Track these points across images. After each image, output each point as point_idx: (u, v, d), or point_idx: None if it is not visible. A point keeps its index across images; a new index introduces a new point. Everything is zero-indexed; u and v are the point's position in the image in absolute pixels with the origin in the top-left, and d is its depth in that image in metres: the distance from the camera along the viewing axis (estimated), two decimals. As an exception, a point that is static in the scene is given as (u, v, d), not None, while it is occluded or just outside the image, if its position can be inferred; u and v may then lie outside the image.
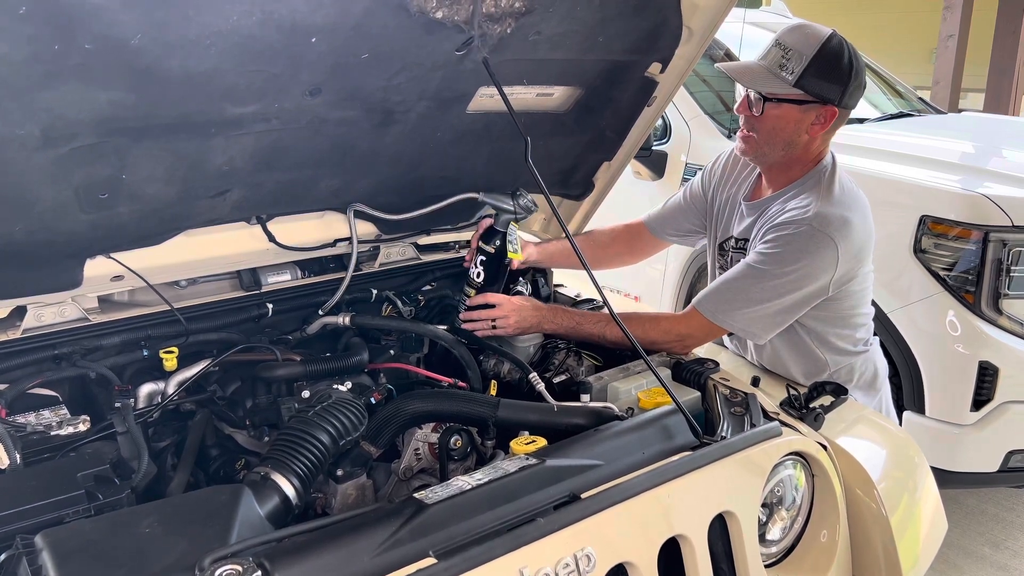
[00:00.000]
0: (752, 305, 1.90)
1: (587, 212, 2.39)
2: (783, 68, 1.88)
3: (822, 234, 1.84)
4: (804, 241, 1.85)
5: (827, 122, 1.91)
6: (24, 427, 1.51)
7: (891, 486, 1.69)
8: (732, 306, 1.92)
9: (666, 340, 1.96)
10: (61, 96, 1.27)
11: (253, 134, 1.57)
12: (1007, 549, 3.14)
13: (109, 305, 1.83)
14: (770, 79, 1.89)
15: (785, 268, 1.86)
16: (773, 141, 1.95)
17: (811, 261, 1.85)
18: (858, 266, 1.95)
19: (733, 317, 1.93)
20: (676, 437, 1.52)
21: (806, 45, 1.87)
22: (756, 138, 1.96)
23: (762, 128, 1.94)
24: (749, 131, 1.97)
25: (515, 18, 1.55)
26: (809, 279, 1.87)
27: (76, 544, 1.16)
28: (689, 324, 1.96)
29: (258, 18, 1.28)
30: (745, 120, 1.98)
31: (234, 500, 1.27)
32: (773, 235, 1.90)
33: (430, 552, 1.16)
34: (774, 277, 1.87)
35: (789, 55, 1.88)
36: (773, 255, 1.88)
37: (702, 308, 1.95)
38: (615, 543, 1.29)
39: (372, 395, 1.76)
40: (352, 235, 2.02)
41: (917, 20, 10.21)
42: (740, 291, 1.92)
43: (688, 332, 1.97)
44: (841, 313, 2.01)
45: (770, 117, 1.92)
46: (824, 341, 2.04)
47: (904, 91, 4.72)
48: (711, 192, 2.25)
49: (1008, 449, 2.87)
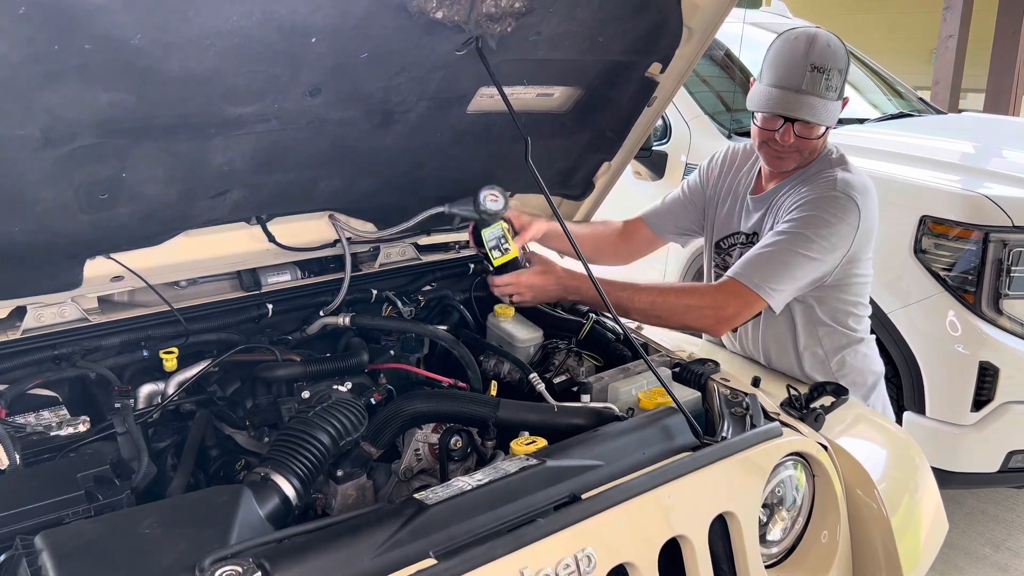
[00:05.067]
0: (789, 270, 1.88)
1: (587, 212, 2.39)
2: (829, 89, 1.90)
3: (846, 197, 1.90)
4: (832, 205, 1.89)
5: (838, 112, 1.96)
6: (24, 428, 1.51)
7: (892, 486, 1.69)
8: (768, 271, 1.89)
9: (699, 307, 1.90)
10: (61, 97, 1.26)
11: (253, 134, 1.57)
12: (1007, 549, 3.14)
13: (109, 305, 1.83)
14: (827, 107, 1.90)
15: (820, 231, 1.88)
16: (815, 150, 2.00)
17: (839, 226, 1.88)
18: (865, 245, 1.98)
19: (770, 283, 1.88)
20: (676, 437, 1.52)
21: (836, 59, 1.90)
22: (801, 155, 1.99)
23: (809, 147, 1.97)
24: (791, 152, 1.98)
25: (515, 18, 1.55)
26: (840, 245, 1.89)
27: (76, 545, 1.15)
28: (725, 292, 1.91)
29: (258, 19, 1.28)
30: (782, 139, 1.94)
31: (234, 501, 1.27)
32: (803, 203, 1.92)
33: (430, 553, 1.16)
34: (809, 240, 1.87)
35: (829, 74, 1.89)
36: (806, 218, 1.90)
37: (739, 277, 1.91)
38: (615, 544, 1.29)
39: (372, 395, 1.76)
40: (341, 240, 2.02)
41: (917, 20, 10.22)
42: (774, 256, 1.90)
43: (724, 301, 1.90)
44: (844, 304, 2.04)
45: (815, 134, 1.94)
46: (825, 328, 2.06)
47: (904, 91, 4.72)
48: (709, 189, 2.27)
49: (1008, 449, 2.86)
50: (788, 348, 2.12)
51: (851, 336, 2.09)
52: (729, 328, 1.96)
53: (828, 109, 1.90)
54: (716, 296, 1.92)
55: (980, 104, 7.82)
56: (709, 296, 1.93)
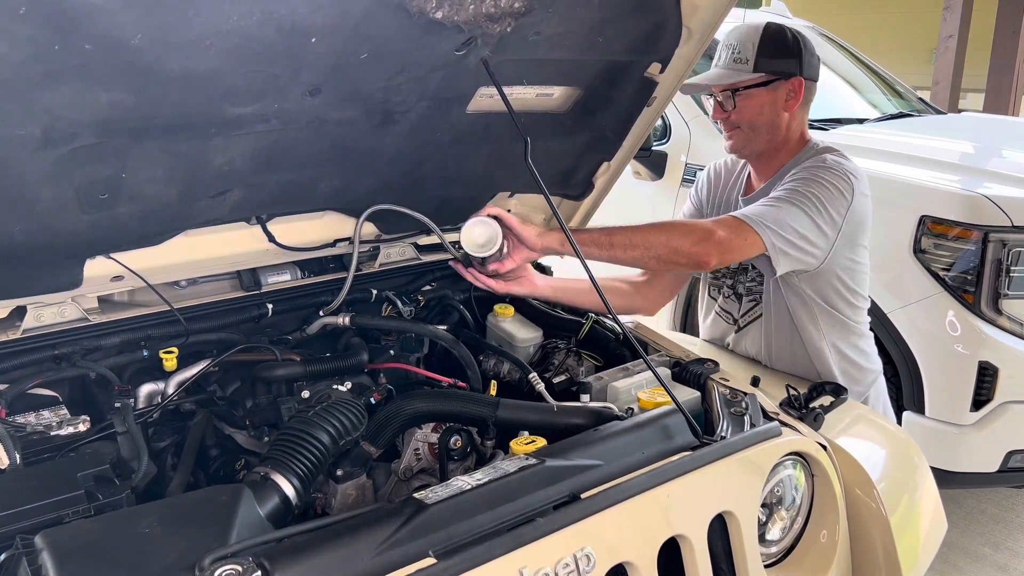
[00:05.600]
0: (784, 216, 1.89)
1: (587, 212, 2.39)
2: (738, 61, 2.03)
3: (839, 168, 1.97)
4: (825, 172, 1.96)
5: (798, 94, 2.05)
6: (24, 427, 1.51)
7: (891, 486, 1.69)
8: (762, 212, 1.91)
9: (692, 235, 1.85)
10: (61, 96, 1.26)
11: (253, 134, 1.57)
12: (1007, 549, 3.14)
13: (109, 305, 1.83)
14: (732, 74, 2.04)
15: (814, 190, 1.92)
16: (757, 127, 2.07)
17: (833, 192, 1.93)
18: (859, 230, 2.00)
19: (765, 220, 1.87)
20: (676, 437, 1.52)
21: (749, 34, 2.03)
22: (741, 130, 2.07)
23: (743, 119, 2.06)
24: (732, 128, 2.08)
25: (515, 18, 1.55)
26: (833, 213, 1.92)
27: (76, 544, 1.16)
28: (717, 222, 1.90)
29: (258, 19, 1.28)
30: (724, 122, 2.10)
31: (234, 500, 1.27)
32: (795, 176, 1.98)
33: (430, 552, 1.16)
34: (804, 197, 1.92)
35: (739, 48, 2.03)
36: (801, 180, 1.95)
37: (734, 214, 1.93)
38: (615, 543, 1.29)
39: (372, 395, 1.76)
40: (355, 239, 2.02)
41: (917, 20, 10.22)
42: (769, 206, 1.93)
43: (714, 227, 1.86)
44: (842, 291, 2.05)
45: (746, 107, 2.04)
46: (825, 316, 2.07)
47: (904, 91, 4.72)
48: (706, 207, 2.32)
49: (1008, 449, 2.87)
50: (788, 342, 2.13)
51: (850, 326, 2.10)
52: (718, 256, 1.84)
53: (735, 77, 2.03)
54: (706, 224, 1.90)
55: (980, 104, 7.82)
56: (700, 225, 1.90)
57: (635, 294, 2.33)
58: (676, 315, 3.78)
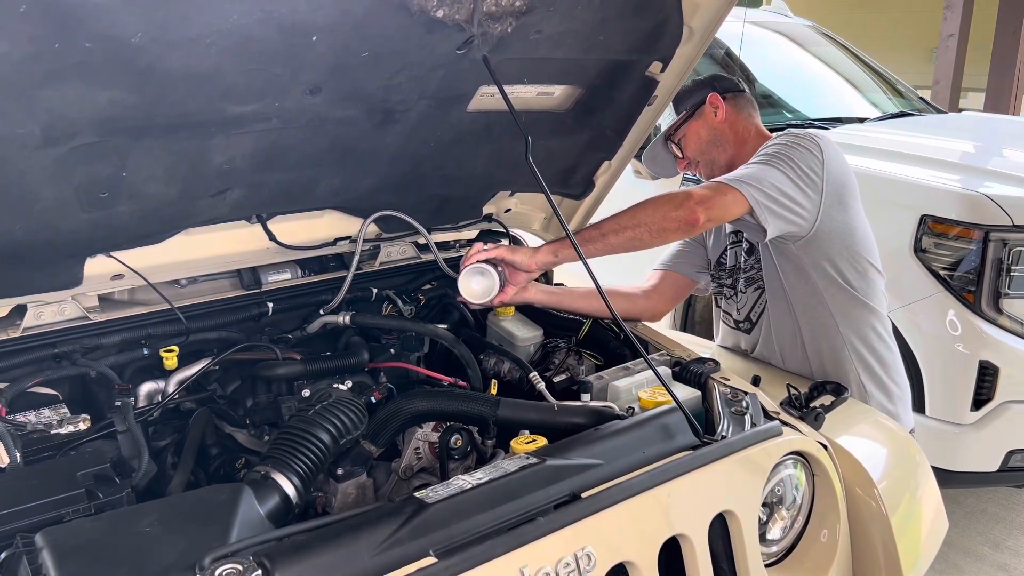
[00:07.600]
0: (763, 174, 1.92)
1: (588, 211, 2.39)
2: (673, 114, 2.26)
3: (797, 131, 2.05)
4: (786, 137, 2.04)
5: (720, 104, 2.18)
6: (24, 426, 1.51)
7: (891, 485, 1.69)
8: (742, 173, 1.94)
9: (673, 200, 1.86)
10: (61, 95, 1.26)
11: (253, 133, 1.57)
12: (1007, 549, 3.14)
13: (109, 304, 1.83)
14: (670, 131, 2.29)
15: (780, 151, 1.98)
16: (706, 149, 2.22)
17: (804, 153, 1.98)
18: (843, 190, 2.01)
19: (745, 180, 1.90)
20: (676, 436, 1.52)
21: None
22: (701, 161, 2.24)
23: (693, 152, 2.24)
24: (695, 166, 2.27)
25: (516, 17, 1.55)
26: (802, 159, 1.96)
27: (76, 543, 1.16)
28: (699, 187, 1.92)
29: (258, 17, 1.28)
30: (688, 167, 2.29)
31: (234, 499, 1.27)
32: (763, 148, 2.03)
33: (430, 551, 1.16)
34: (777, 157, 1.96)
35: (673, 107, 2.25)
36: (766, 151, 2.00)
37: (722, 177, 1.95)
38: (615, 542, 1.29)
39: (372, 394, 1.76)
40: (359, 238, 2.02)
41: (917, 20, 10.20)
42: (745, 170, 1.96)
43: (694, 190, 1.89)
44: (845, 257, 2.03)
45: (689, 142, 2.24)
46: (831, 289, 2.04)
47: (904, 91, 4.72)
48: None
49: (1008, 449, 2.87)
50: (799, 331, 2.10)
51: (859, 299, 2.06)
52: (704, 212, 1.84)
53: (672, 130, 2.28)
54: (685, 189, 1.95)
55: (980, 103, 7.81)
56: (679, 191, 1.92)
57: (636, 301, 2.33)
58: (676, 315, 3.78)
